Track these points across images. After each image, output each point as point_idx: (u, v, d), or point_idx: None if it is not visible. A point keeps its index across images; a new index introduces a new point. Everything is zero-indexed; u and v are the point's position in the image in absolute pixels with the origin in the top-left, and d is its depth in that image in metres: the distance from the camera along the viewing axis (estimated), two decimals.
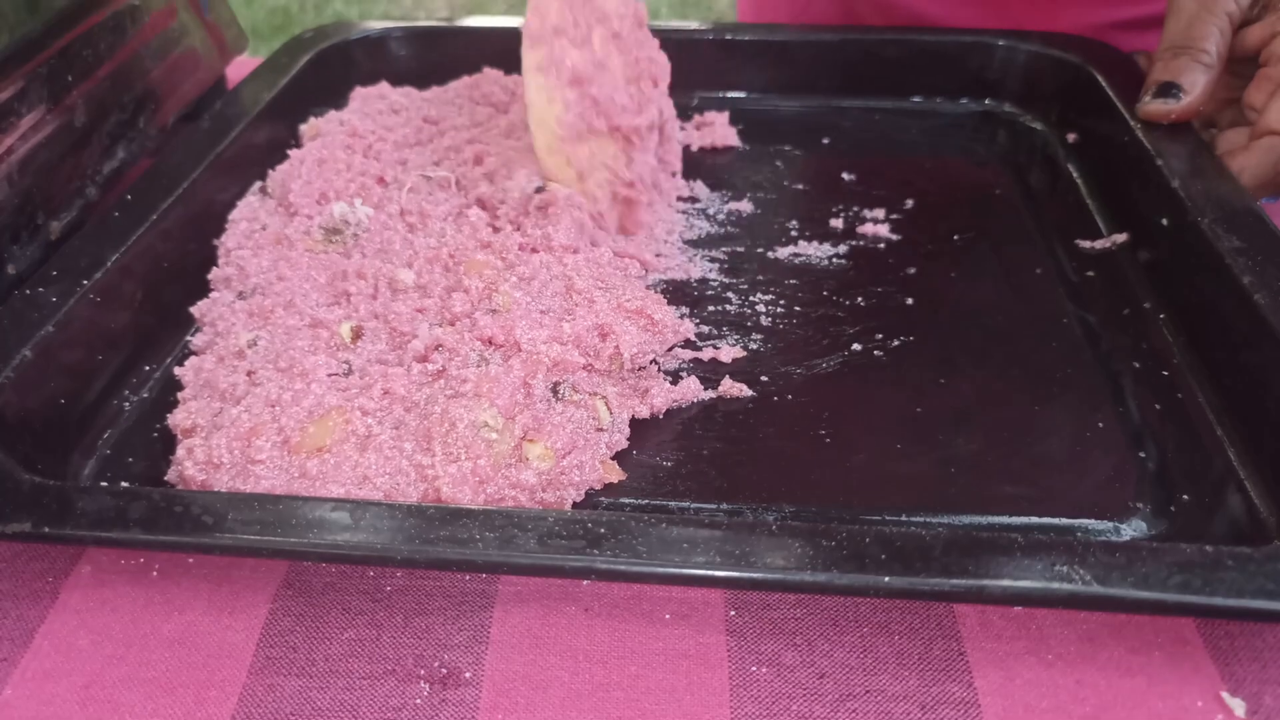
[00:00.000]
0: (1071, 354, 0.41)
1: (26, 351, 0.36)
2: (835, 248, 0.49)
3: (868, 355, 0.42)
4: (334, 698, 0.30)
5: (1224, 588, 0.27)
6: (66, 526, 0.30)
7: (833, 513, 0.35)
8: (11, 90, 0.44)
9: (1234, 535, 0.33)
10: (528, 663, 0.31)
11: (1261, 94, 0.47)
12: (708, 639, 0.31)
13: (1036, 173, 0.54)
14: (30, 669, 0.31)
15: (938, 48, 0.60)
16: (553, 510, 0.31)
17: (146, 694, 0.30)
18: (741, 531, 0.29)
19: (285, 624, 0.32)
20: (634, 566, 0.29)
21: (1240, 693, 0.30)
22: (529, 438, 0.35)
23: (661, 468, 0.37)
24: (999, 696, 0.30)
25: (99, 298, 0.40)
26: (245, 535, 0.29)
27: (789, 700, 0.30)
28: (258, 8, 2.26)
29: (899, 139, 0.58)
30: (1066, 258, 0.47)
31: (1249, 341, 0.37)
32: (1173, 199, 0.43)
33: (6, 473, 0.32)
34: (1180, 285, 0.43)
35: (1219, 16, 0.47)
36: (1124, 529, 0.34)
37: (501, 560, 0.29)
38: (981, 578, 0.28)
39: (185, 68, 0.57)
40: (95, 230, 0.43)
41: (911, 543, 0.28)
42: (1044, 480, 0.36)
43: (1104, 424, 0.38)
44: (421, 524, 0.30)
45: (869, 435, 0.38)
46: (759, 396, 0.40)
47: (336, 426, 0.35)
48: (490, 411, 0.35)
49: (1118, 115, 0.50)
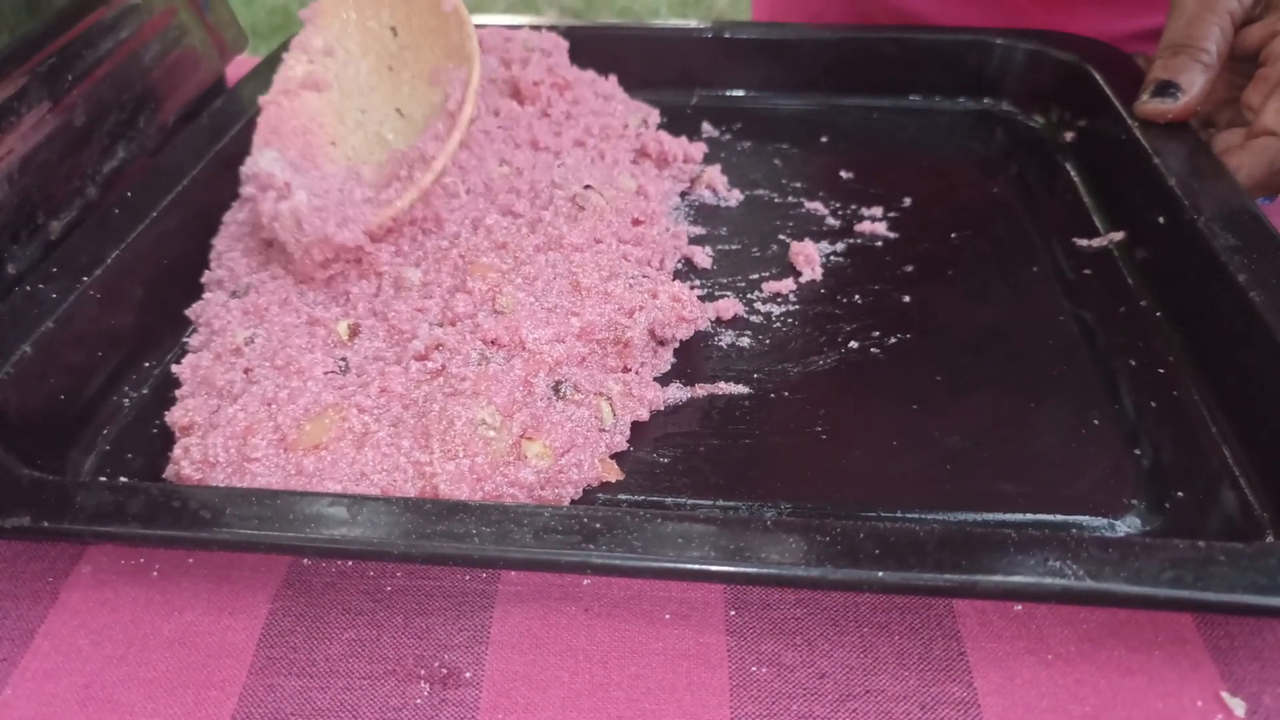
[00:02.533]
0: (1068, 352, 0.41)
1: (26, 348, 0.37)
2: (833, 246, 0.49)
3: (864, 353, 0.42)
4: (334, 698, 0.30)
5: (1216, 583, 0.27)
6: (65, 521, 0.30)
7: (829, 509, 0.35)
8: (11, 90, 0.44)
9: (1228, 531, 0.33)
10: (528, 663, 0.31)
11: (1259, 94, 0.47)
12: (708, 639, 0.31)
13: (1034, 171, 0.54)
14: (30, 669, 0.31)
15: (936, 46, 0.60)
16: (549, 505, 0.31)
17: (146, 694, 0.30)
18: (737, 527, 0.29)
19: (285, 624, 0.32)
20: (630, 561, 0.29)
21: (1240, 692, 0.30)
22: (527, 435, 0.35)
23: (658, 464, 0.37)
24: (999, 696, 0.30)
25: (99, 295, 0.40)
26: (243, 530, 0.30)
27: (789, 700, 0.30)
28: (258, 8, 2.25)
29: (897, 137, 0.58)
30: (1064, 256, 0.47)
31: (1244, 339, 0.37)
32: (1170, 198, 0.43)
33: (6, 468, 0.32)
34: (1177, 284, 0.43)
35: (1220, 15, 0.47)
36: (1119, 525, 0.34)
37: (498, 555, 0.29)
38: (975, 573, 0.28)
39: (185, 68, 0.57)
40: (95, 228, 0.43)
41: (906, 538, 0.29)
42: (1039, 477, 0.36)
43: (1099, 421, 0.38)
44: (418, 519, 0.30)
45: (865, 432, 0.38)
46: (756, 394, 0.40)
47: (333, 424, 0.35)
48: (489, 409, 0.35)
49: (1116, 114, 0.50)
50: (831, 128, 0.59)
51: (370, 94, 0.49)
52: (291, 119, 0.46)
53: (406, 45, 0.49)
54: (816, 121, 0.60)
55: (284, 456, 0.34)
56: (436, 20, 0.48)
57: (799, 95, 0.62)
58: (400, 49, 0.49)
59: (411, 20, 0.49)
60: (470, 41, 0.46)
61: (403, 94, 0.49)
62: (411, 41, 0.49)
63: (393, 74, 0.49)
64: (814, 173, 0.55)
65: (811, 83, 0.61)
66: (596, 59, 0.59)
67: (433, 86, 0.48)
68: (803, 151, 0.57)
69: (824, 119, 0.60)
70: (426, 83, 0.48)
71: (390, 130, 0.49)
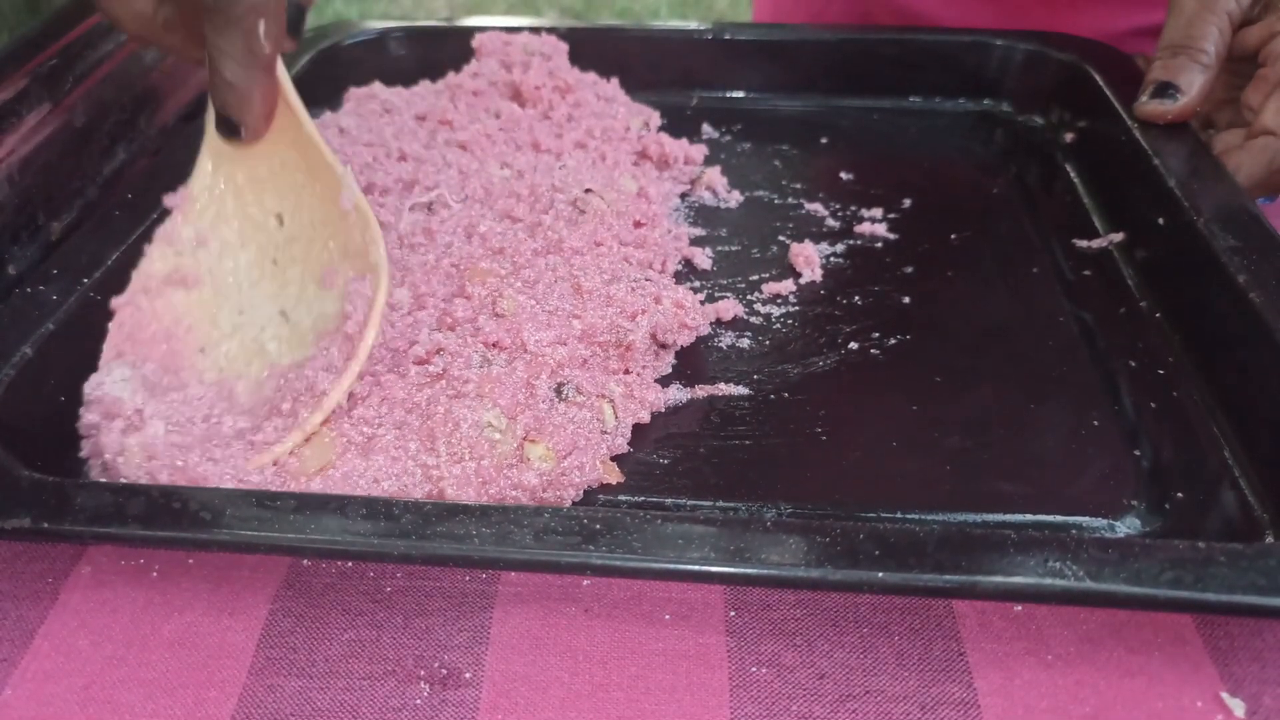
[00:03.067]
0: (1068, 352, 0.41)
1: (27, 349, 0.37)
2: (832, 247, 0.49)
3: (864, 354, 0.42)
4: (334, 698, 0.30)
5: (1216, 583, 0.27)
6: (65, 522, 0.30)
7: (829, 510, 0.35)
8: (11, 90, 0.44)
9: (1228, 532, 0.33)
10: (528, 663, 0.31)
11: (1259, 94, 0.47)
12: (707, 639, 0.31)
13: (1034, 172, 0.55)
14: (30, 669, 0.31)
15: (936, 47, 0.60)
16: (549, 506, 0.31)
17: (146, 694, 0.30)
18: (736, 528, 0.29)
19: (285, 624, 0.32)
20: (630, 562, 0.29)
21: (1240, 693, 0.30)
22: (530, 438, 0.35)
23: (658, 465, 0.37)
24: (999, 697, 0.30)
25: (99, 296, 0.40)
26: (243, 531, 0.30)
27: (789, 700, 0.30)
28: None
29: (897, 138, 0.58)
30: (1063, 257, 0.47)
31: (1244, 340, 0.37)
32: (1169, 198, 0.43)
33: (6, 469, 0.32)
34: (1176, 284, 0.43)
35: (1219, 16, 0.47)
36: (1119, 526, 0.34)
37: (498, 556, 0.29)
38: (975, 573, 0.28)
39: (185, 68, 0.57)
40: (95, 228, 0.43)
41: (905, 539, 0.29)
42: (1039, 478, 0.36)
43: (1099, 422, 0.38)
44: (418, 520, 0.30)
45: (865, 434, 0.38)
46: (755, 395, 0.40)
47: (333, 442, 0.35)
48: (494, 411, 0.35)
49: (1115, 115, 0.50)
50: (831, 129, 0.59)
51: (250, 291, 0.41)
52: (152, 323, 0.38)
53: (294, 238, 0.41)
54: (816, 123, 0.60)
55: (295, 484, 0.34)
56: (333, 214, 0.40)
57: (799, 96, 0.62)
58: (286, 241, 0.41)
59: (300, 211, 0.41)
60: (376, 249, 0.39)
61: (289, 294, 0.41)
62: (300, 234, 0.41)
63: (277, 269, 0.41)
64: (814, 174, 0.55)
65: (811, 84, 0.61)
66: (596, 60, 0.59)
67: (325, 290, 0.40)
68: (803, 153, 0.57)
69: (824, 120, 0.60)
70: (317, 284, 0.40)
71: (272, 338, 0.40)
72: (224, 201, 0.40)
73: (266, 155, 0.40)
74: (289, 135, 0.40)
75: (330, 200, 0.40)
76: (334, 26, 0.62)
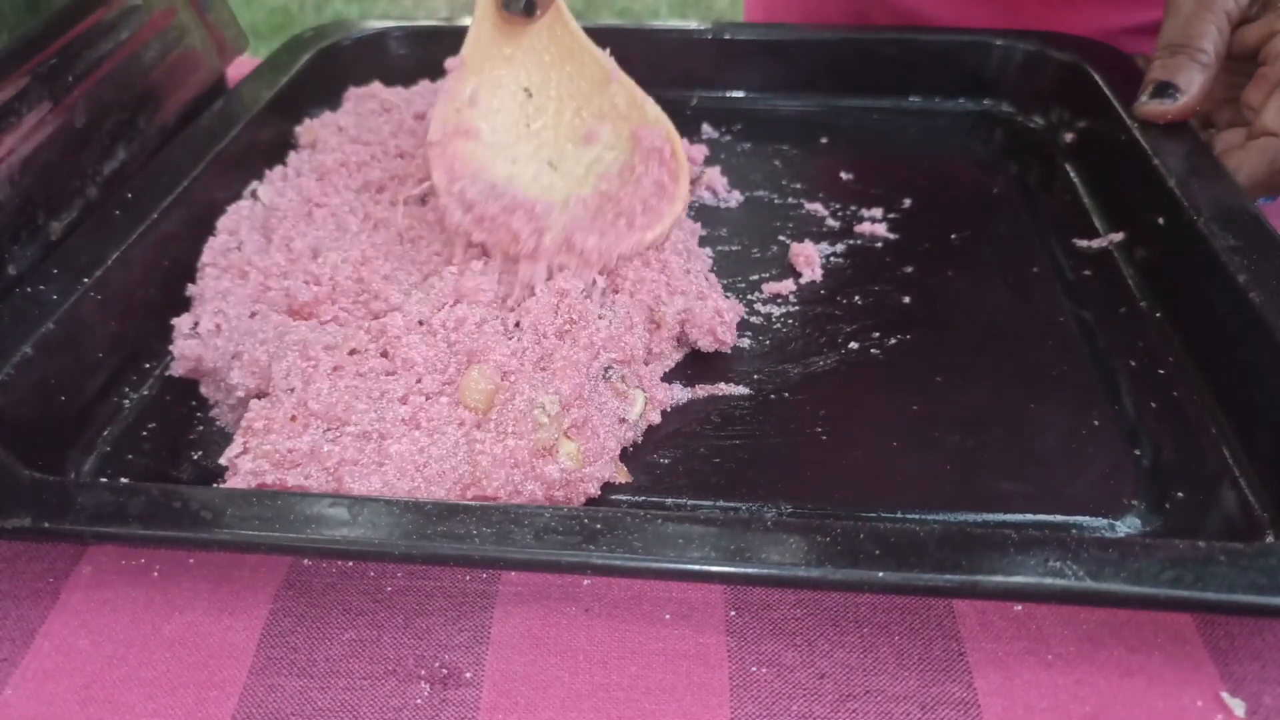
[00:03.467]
0: (1068, 352, 0.41)
1: (27, 349, 0.37)
2: (833, 247, 0.49)
3: (865, 354, 0.42)
4: (335, 698, 0.30)
5: (1216, 583, 0.27)
6: (66, 522, 0.30)
7: (829, 509, 0.35)
8: (12, 90, 0.44)
9: (1228, 531, 0.33)
10: (528, 663, 0.31)
11: (1259, 94, 0.47)
12: (708, 639, 0.32)
13: (1034, 172, 0.55)
14: (30, 669, 0.31)
15: (936, 47, 0.60)
16: (549, 506, 0.31)
17: (147, 694, 0.30)
18: (737, 527, 0.29)
19: (286, 624, 0.32)
20: (630, 562, 0.29)
21: (1240, 693, 0.30)
22: (569, 434, 0.35)
23: (659, 465, 0.37)
24: (999, 696, 0.30)
25: (99, 295, 0.40)
26: (243, 530, 0.30)
27: (789, 700, 0.30)
28: (258, 8, 2.25)
29: (897, 138, 0.58)
30: (1064, 256, 0.47)
31: (1244, 340, 0.37)
32: (1169, 198, 0.43)
33: (6, 468, 0.32)
34: (1176, 284, 0.43)
35: (1217, 15, 0.47)
36: (1119, 526, 0.34)
37: (498, 555, 0.29)
38: (975, 573, 0.28)
39: (185, 68, 0.57)
40: (95, 228, 0.43)
41: (906, 538, 0.29)
42: (1040, 477, 0.36)
43: (1100, 421, 0.38)
44: (419, 519, 0.30)
45: (866, 433, 0.38)
46: (756, 395, 0.40)
47: (500, 388, 0.36)
48: (551, 397, 0.35)
49: (1115, 115, 0.50)
50: (831, 128, 0.59)
51: (514, 146, 0.47)
52: (455, 163, 0.44)
53: (541, 109, 0.48)
54: (816, 122, 0.60)
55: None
56: (581, 89, 0.48)
57: (799, 96, 0.62)
58: (536, 110, 0.48)
59: (548, 86, 0.48)
60: (651, 105, 0.46)
61: (548, 151, 0.47)
62: (547, 105, 0.48)
63: (530, 132, 0.48)
64: (814, 174, 0.55)
65: (811, 84, 0.61)
66: None
67: (587, 146, 0.47)
68: (802, 152, 0.57)
69: (824, 120, 0.60)
70: (575, 144, 0.47)
71: (547, 182, 0.46)
72: (484, 70, 0.48)
73: (515, 37, 0.48)
74: (545, 21, 0.48)
75: (580, 78, 0.48)
76: (334, 26, 0.62)
